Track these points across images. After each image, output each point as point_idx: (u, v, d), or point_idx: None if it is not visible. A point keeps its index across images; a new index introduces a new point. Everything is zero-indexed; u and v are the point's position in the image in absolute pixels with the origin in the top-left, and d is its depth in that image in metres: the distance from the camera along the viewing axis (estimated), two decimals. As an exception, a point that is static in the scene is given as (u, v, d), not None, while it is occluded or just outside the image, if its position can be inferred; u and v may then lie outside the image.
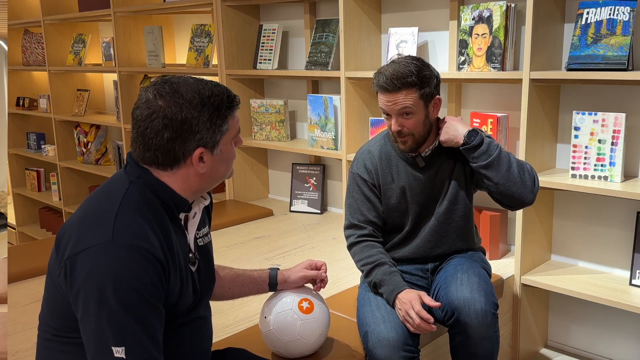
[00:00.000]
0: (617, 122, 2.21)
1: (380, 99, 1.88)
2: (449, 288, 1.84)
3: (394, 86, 1.82)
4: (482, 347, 1.80)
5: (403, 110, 1.84)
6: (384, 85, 1.84)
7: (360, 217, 1.99)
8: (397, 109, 1.85)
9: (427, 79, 1.85)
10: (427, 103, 1.87)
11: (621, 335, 2.51)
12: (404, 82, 1.81)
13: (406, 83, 1.82)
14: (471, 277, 1.85)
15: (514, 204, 1.93)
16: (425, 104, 1.87)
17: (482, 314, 1.77)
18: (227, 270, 1.71)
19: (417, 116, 1.86)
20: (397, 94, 1.83)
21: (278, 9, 3.53)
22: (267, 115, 3.48)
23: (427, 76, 1.85)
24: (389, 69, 1.85)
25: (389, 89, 1.83)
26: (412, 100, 1.83)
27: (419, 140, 1.91)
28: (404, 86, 1.82)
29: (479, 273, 1.90)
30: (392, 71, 1.83)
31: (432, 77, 1.87)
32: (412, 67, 1.83)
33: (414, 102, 1.84)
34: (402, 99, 1.83)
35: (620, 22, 2.17)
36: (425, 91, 1.85)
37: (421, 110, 1.87)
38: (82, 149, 4.81)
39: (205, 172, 1.32)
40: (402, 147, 1.93)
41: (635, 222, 2.34)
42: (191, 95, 1.27)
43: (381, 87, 1.85)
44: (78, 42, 4.66)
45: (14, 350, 1.94)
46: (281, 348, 1.72)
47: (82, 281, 1.17)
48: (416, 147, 1.92)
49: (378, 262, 1.90)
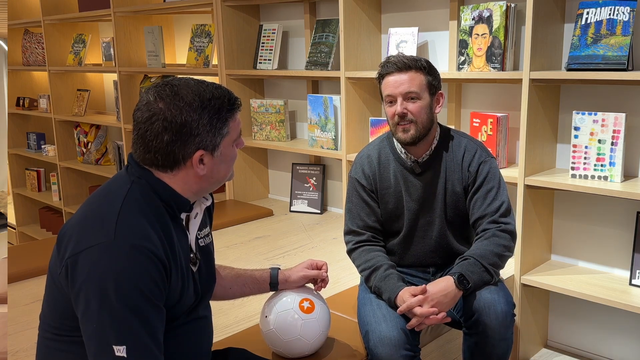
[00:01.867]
0: (617, 122, 2.21)
1: (387, 83, 1.89)
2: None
3: (405, 64, 1.86)
4: (498, 348, 1.79)
5: (409, 93, 1.86)
6: (394, 63, 1.87)
7: (360, 223, 2.00)
8: (404, 90, 1.86)
9: (434, 71, 1.92)
10: (432, 93, 1.91)
11: (621, 335, 2.52)
12: (415, 64, 1.87)
13: (416, 65, 1.88)
14: None
15: None
16: (430, 94, 1.90)
17: (502, 315, 1.76)
18: (228, 270, 1.71)
19: (422, 102, 1.88)
20: (405, 74, 1.87)
21: (278, 9, 3.53)
22: (267, 115, 3.48)
23: (433, 69, 1.92)
24: (398, 54, 1.92)
25: (399, 66, 1.87)
26: (419, 83, 1.87)
27: (420, 130, 1.89)
28: (414, 67, 1.87)
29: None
30: (404, 55, 1.91)
31: (437, 72, 1.94)
32: (422, 58, 1.91)
33: (420, 87, 1.87)
34: (409, 81, 1.86)
35: (620, 22, 2.17)
36: (431, 79, 1.89)
37: (426, 97, 1.89)
38: (82, 149, 4.81)
39: (206, 174, 1.32)
40: (402, 136, 1.90)
41: (635, 222, 2.35)
42: (191, 98, 1.27)
43: (391, 66, 1.88)
44: (78, 42, 4.66)
45: (14, 350, 1.93)
46: (282, 348, 1.72)
47: (84, 280, 1.17)
48: (417, 136, 1.90)
49: (374, 267, 1.90)
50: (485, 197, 1.92)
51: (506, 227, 1.89)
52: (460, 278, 1.77)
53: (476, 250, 1.86)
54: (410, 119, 1.87)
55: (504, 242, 1.87)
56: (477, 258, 1.82)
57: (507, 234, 1.88)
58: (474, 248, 1.88)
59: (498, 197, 1.91)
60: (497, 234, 1.87)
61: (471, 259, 1.82)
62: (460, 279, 1.77)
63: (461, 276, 1.78)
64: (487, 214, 1.91)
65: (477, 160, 1.94)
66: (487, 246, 1.85)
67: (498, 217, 1.89)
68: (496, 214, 1.89)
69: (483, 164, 1.94)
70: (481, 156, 1.95)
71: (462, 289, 1.77)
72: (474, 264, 1.81)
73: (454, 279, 1.77)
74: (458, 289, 1.77)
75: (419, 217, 1.99)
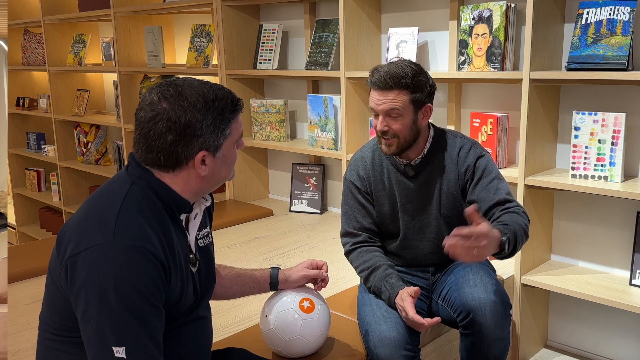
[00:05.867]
0: (617, 122, 2.21)
1: (372, 96, 1.88)
2: (462, 289, 1.83)
3: (386, 84, 1.82)
4: (494, 348, 1.79)
5: (391, 110, 1.83)
6: (376, 82, 1.84)
7: (356, 225, 1.99)
8: (386, 108, 1.84)
9: (421, 85, 1.84)
10: (417, 108, 1.86)
11: (621, 335, 2.51)
12: (397, 83, 1.81)
13: (399, 84, 1.81)
14: (484, 277, 1.85)
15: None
16: (415, 109, 1.85)
17: (497, 315, 1.76)
18: (228, 270, 1.71)
19: (404, 119, 1.84)
20: (388, 93, 1.83)
21: (278, 9, 3.53)
22: (267, 115, 3.48)
23: (421, 82, 1.84)
24: (385, 67, 1.85)
25: (380, 86, 1.83)
26: (402, 102, 1.82)
27: (403, 145, 1.88)
28: (396, 86, 1.82)
29: (490, 274, 1.90)
30: (387, 70, 1.83)
31: (427, 84, 1.86)
32: (409, 70, 1.83)
33: (403, 105, 1.83)
34: (391, 99, 1.82)
35: (620, 22, 2.17)
36: (417, 96, 1.84)
37: (409, 114, 1.85)
38: (82, 149, 4.81)
39: (207, 175, 1.33)
40: (385, 150, 1.90)
41: (635, 222, 2.35)
42: (195, 99, 1.27)
43: (374, 84, 1.85)
44: (78, 42, 4.66)
45: (14, 350, 1.93)
46: (282, 347, 1.72)
47: (83, 281, 1.17)
48: (399, 151, 1.89)
49: (373, 267, 1.90)
50: (489, 188, 1.89)
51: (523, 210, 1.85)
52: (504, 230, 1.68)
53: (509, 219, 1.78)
54: (393, 134, 1.86)
55: (525, 221, 1.81)
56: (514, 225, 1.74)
57: (526, 216, 1.84)
58: (504, 219, 1.79)
59: (501, 186, 1.90)
60: (518, 211, 1.82)
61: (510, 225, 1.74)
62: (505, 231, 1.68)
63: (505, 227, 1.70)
64: (498, 200, 1.86)
65: (473, 156, 1.94)
66: (516, 219, 1.78)
67: (510, 203, 1.85)
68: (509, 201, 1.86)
69: (480, 158, 1.94)
70: (476, 152, 1.95)
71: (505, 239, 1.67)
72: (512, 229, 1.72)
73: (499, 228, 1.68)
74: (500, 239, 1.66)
75: (415, 219, 1.99)
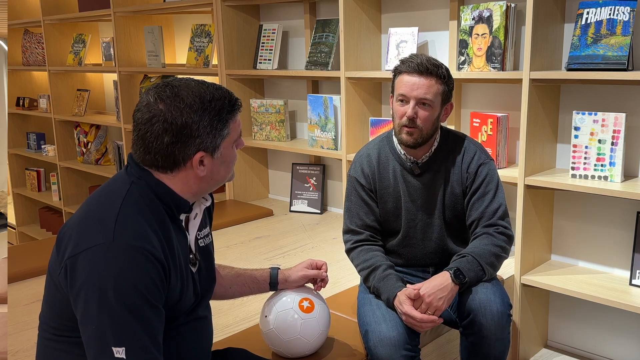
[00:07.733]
0: (617, 122, 2.21)
1: (403, 81, 1.86)
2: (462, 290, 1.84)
3: (427, 69, 1.83)
4: (494, 348, 1.79)
5: (423, 98, 1.84)
6: (416, 67, 1.84)
7: (358, 222, 1.99)
8: (419, 95, 1.84)
9: (451, 82, 1.91)
10: (443, 103, 1.89)
11: (621, 335, 2.51)
12: (436, 71, 1.84)
13: (437, 73, 1.85)
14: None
15: None
16: (442, 103, 1.89)
17: (498, 315, 1.77)
18: (228, 270, 1.71)
19: (433, 111, 1.87)
20: (424, 80, 1.84)
21: (278, 9, 3.53)
22: (267, 115, 3.48)
23: (450, 77, 1.90)
24: (422, 55, 1.88)
25: (421, 70, 1.83)
26: (435, 92, 1.85)
27: (425, 136, 1.89)
28: (435, 74, 1.84)
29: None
30: (428, 58, 1.86)
31: (452, 81, 1.92)
32: (444, 65, 1.89)
33: (435, 95, 1.85)
34: (427, 86, 1.84)
35: (620, 22, 2.17)
36: (447, 89, 1.88)
37: (437, 107, 1.88)
38: (82, 149, 4.81)
39: (206, 175, 1.32)
40: (405, 138, 1.89)
41: (635, 222, 2.34)
42: (192, 99, 1.26)
43: (413, 68, 1.84)
44: (78, 42, 4.66)
45: (14, 350, 1.93)
46: (281, 347, 1.72)
47: (83, 281, 1.17)
48: (418, 143, 1.90)
49: (373, 267, 1.90)
50: (482, 199, 1.92)
51: (504, 230, 1.90)
52: (456, 273, 1.78)
53: (473, 248, 1.86)
54: (418, 125, 1.87)
55: (501, 243, 1.87)
56: (475, 256, 1.83)
57: (504, 236, 1.89)
58: (471, 246, 1.89)
59: (496, 199, 1.92)
60: (494, 234, 1.88)
61: (468, 257, 1.83)
62: (457, 273, 1.78)
63: (458, 271, 1.78)
64: (484, 215, 1.91)
65: (476, 162, 1.95)
66: (484, 245, 1.86)
67: (496, 220, 1.90)
68: (494, 217, 1.90)
69: (482, 165, 1.94)
70: (480, 158, 1.96)
71: (459, 283, 1.78)
72: (471, 261, 1.82)
73: (450, 274, 1.78)
74: (454, 284, 1.78)
75: (418, 218, 1.99)
